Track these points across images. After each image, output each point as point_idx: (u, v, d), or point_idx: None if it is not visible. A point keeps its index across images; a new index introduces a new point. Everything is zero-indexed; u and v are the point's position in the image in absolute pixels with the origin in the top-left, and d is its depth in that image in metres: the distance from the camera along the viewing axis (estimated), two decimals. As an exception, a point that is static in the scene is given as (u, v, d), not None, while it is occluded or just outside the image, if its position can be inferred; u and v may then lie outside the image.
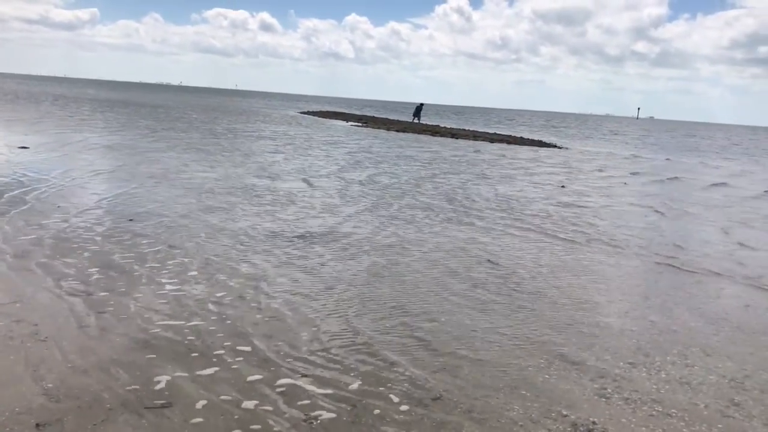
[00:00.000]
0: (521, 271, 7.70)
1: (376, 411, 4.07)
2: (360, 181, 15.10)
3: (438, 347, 5.21)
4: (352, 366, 4.74)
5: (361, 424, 3.90)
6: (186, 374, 4.43)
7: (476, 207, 12.18)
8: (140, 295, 6.00)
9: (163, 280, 6.48)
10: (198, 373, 4.46)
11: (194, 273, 6.80)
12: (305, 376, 4.52)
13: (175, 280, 6.50)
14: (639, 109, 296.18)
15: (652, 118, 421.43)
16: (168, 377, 4.36)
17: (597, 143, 42.57)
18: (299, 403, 4.12)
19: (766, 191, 18.47)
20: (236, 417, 3.90)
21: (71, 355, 4.61)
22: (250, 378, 4.43)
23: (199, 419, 3.85)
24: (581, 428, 4.02)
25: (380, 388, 4.40)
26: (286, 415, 3.95)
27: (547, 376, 4.77)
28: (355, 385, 4.41)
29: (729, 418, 4.30)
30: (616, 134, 62.75)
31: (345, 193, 13.06)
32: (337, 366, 4.72)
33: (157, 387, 4.21)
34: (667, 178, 20.82)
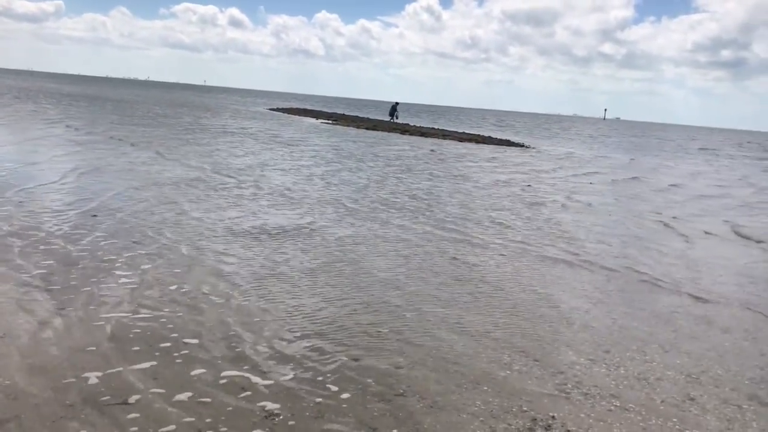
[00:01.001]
0: (485, 270, 7.77)
1: (339, 406, 4.07)
2: (322, 176, 15.06)
3: (401, 344, 5.24)
4: (315, 362, 4.73)
5: (323, 420, 3.90)
6: (147, 370, 4.37)
7: (441, 203, 12.25)
8: (100, 291, 5.91)
9: (121, 274, 6.40)
10: (160, 368, 4.41)
11: (149, 266, 6.73)
12: (266, 371, 4.50)
13: (133, 274, 6.42)
14: (606, 110, 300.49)
15: (618, 118, 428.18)
16: (130, 373, 4.30)
17: (564, 143, 43.08)
18: (257, 399, 4.10)
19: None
20: (198, 411, 3.87)
21: (28, 352, 4.53)
22: (212, 372, 4.40)
23: (161, 414, 3.81)
24: (541, 423, 4.08)
25: (343, 384, 4.40)
26: (245, 412, 3.92)
27: (509, 372, 4.83)
28: (318, 381, 4.41)
29: (685, 413, 4.40)
30: (582, 134, 63.58)
31: (306, 189, 13.01)
32: (301, 362, 4.71)
33: (118, 383, 4.16)
34: (630, 178, 21.17)
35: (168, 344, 4.85)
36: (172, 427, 3.69)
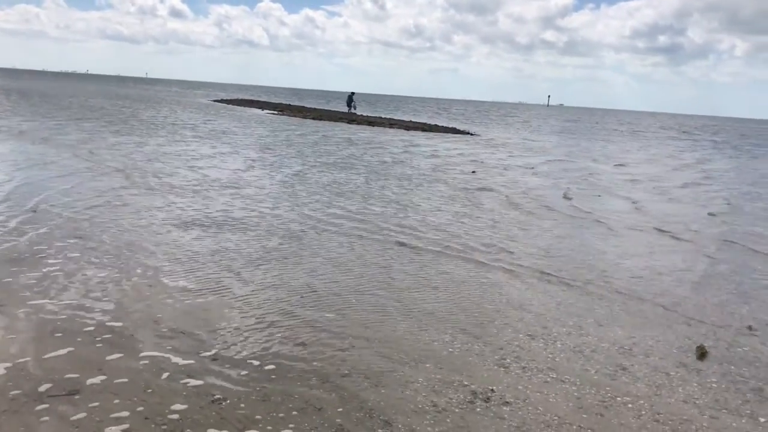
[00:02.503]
0: (429, 249, 7.92)
1: (285, 389, 4.14)
2: (269, 171, 15.01)
3: (348, 326, 5.34)
4: (263, 347, 4.79)
5: (270, 402, 3.97)
6: (93, 362, 4.35)
7: (389, 181, 12.39)
8: (45, 285, 5.82)
9: (67, 268, 6.30)
10: (105, 359, 4.39)
11: (97, 260, 6.64)
12: (214, 359, 4.53)
13: (80, 267, 6.33)
14: (549, 96, 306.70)
15: (562, 105, 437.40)
16: (74, 366, 4.27)
17: (508, 130, 43.78)
18: (206, 385, 4.13)
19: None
20: (144, 400, 3.88)
21: None
22: (160, 364, 4.41)
23: (107, 404, 3.81)
24: (480, 396, 4.24)
25: (290, 366, 4.48)
26: (194, 398, 3.96)
27: (450, 350, 4.98)
28: (265, 366, 4.47)
29: (616, 381, 4.63)
30: (526, 121, 64.74)
31: (247, 180, 12.96)
32: (247, 348, 4.76)
33: (63, 376, 4.13)
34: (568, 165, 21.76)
35: (120, 338, 4.82)
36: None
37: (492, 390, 4.34)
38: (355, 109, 46.69)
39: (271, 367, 4.49)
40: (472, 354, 4.94)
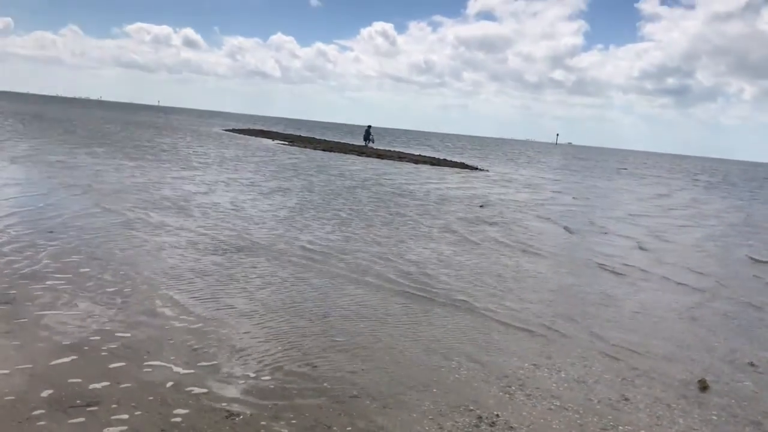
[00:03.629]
0: (437, 279, 8.06)
1: (297, 407, 4.28)
2: (282, 196, 15.24)
3: (357, 350, 5.48)
4: (274, 368, 4.93)
5: (281, 420, 4.10)
6: (109, 378, 4.50)
7: (404, 213, 12.57)
8: (61, 302, 6.00)
9: (82, 291, 6.48)
10: (121, 376, 4.55)
11: (109, 278, 6.83)
12: (227, 377, 4.68)
13: (92, 289, 6.51)
14: (558, 135, 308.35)
15: (570, 143, 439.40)
16: (93, 380, 4.43)
17: (516, 167, 44.07)
18: (220, 404, 4.28)
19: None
20: (160, 413, 4.02)
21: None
22: (171, 382, 4.55)
23: (125, 416, 3.95)
24: (486, 420, 4.36)
25: (301, 387, 4.62)
26: (208, 414, 4.10)
27: (457, 376, 5.12)
28: (274, 386, 4.61)
29: (618, 411, 4.75)
30: (533, 159, 65.12)
31: (263, 206, 13.19)
32: (260, 368, 4.90)
33: (82, 388, 4.28)
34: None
35: (137, 356, 4.97)
36: (135, 427, 3.83)
37: (497, 415, 4.46)
38: (372, 142, 46.04)
39: (283, 386, 4.63)
40: (478, 381, 5.06)
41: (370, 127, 47.50)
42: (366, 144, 45.12)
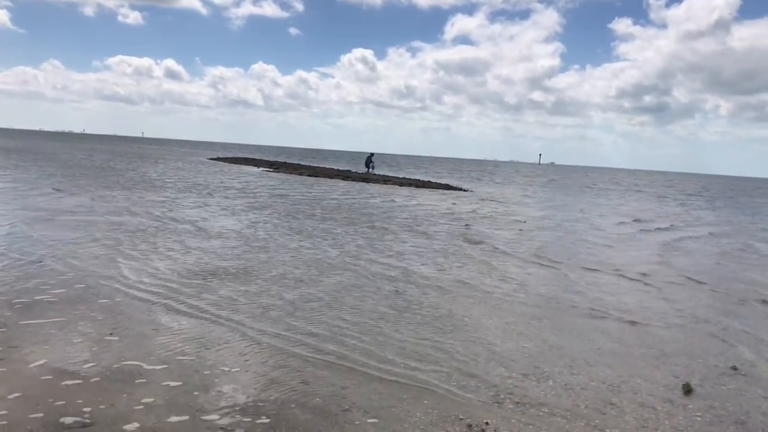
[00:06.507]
0: (424, 294, 8.16)
1: (290, 422, 4.35)
2: (264, 228, 15.33)
3: (349, 363, 5.56)
4: (270, 382, 4.99)
5: (275, 433, 4.17)
6: (106, 400, 4.55)
7: (391, 229, 12.68)
8: (62, 325, 6.03)
9: (77, 312, 6.53)
10: (115, 397, 4.59)
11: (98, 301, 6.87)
12: (219, 392, 4.73)
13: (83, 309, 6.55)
14: (540, 155, 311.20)
15: (553, 163, 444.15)
16: (88, 403, 4.47)
17: (499, 187, 44.42)
18: (213, 415, 4.33)
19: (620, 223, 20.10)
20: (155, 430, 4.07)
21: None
22: (166, 398, 4.61)
23: (117, 436, 4.01)
24: (475, 428, 4.45)
25: (294, 401, 4.68)
26: (207, 426, 4.16)
27: (447, 387, 5.20)
28: (272, 399, 4.68)
29: (605, 415, 4.85)
30: (515, 179, 65.68)
31: (253, 231, 13.26)
32: (252, 383, 4.96)
33: (77, 410, 4.32)
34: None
35: (133, 379, 5.01)
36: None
37: (486, 423, 4.54)
38: (373, 169, 46.08)
39: (276, 400, 4.69)
40: (468, 391, 5.15)
41: (372, 154, 47.73)
42: (368, 170, 45.14)
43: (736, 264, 13.41)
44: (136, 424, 4.17)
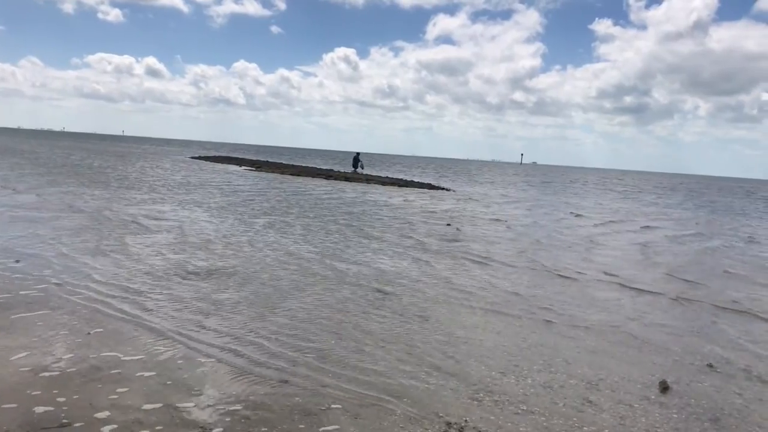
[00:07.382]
0: (406, 294, 8.18)
1: (269, 419, 4.34)
2: (244, 222, 15.28)
3: (328, 362, 5.57)
4: (250, 382, 4.99)
5: (254, 430, 4.16)
6: (82, 398, 4.52)
7: (376, 232, 12.69)
8: (36, 328, 5.98)
9: (57, 315, 6.47)
10: (93, 396, 4.56)
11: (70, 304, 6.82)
12: (198, 394, 4.72)
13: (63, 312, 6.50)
14: (522, 155, 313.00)
15: (534, 163, 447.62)
16: (64, 403, 4.44)
17: (480, 186, 44.62)
18: (195, 420, 4.32)
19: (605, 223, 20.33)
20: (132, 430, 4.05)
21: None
22: (147, 405, 4.59)
23: (94, 436, 3.98)
24: (454, 426, 4.47)
25: (273, 401, 4.68)
26: (188, 424, 4.14)
27: (427, 386, 5.22)
28: (250, 400, 4.67)
29: (583, 413, 4.90)
30: (496, 178, 66.02)
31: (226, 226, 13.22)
32: (237, 384, 4.95)
33: (53, 410, 4.29)
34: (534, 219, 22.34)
35: (107, 375, 4.98)
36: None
37: (465, 421, 4.58)
38: (362, 168, 45.44)
39: (255, 401, 4.68)
40: (447, 389, 5.18)
41: (358, 154, 46.98)
42: (355, 170, 44.57)
43: (712, 260, 13.59)
44: None
